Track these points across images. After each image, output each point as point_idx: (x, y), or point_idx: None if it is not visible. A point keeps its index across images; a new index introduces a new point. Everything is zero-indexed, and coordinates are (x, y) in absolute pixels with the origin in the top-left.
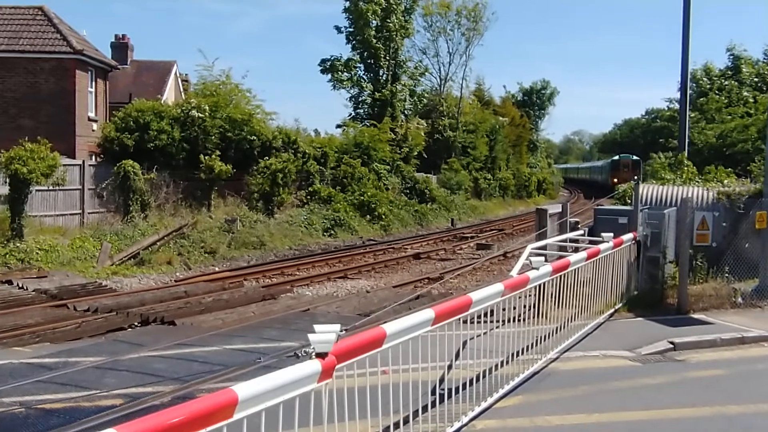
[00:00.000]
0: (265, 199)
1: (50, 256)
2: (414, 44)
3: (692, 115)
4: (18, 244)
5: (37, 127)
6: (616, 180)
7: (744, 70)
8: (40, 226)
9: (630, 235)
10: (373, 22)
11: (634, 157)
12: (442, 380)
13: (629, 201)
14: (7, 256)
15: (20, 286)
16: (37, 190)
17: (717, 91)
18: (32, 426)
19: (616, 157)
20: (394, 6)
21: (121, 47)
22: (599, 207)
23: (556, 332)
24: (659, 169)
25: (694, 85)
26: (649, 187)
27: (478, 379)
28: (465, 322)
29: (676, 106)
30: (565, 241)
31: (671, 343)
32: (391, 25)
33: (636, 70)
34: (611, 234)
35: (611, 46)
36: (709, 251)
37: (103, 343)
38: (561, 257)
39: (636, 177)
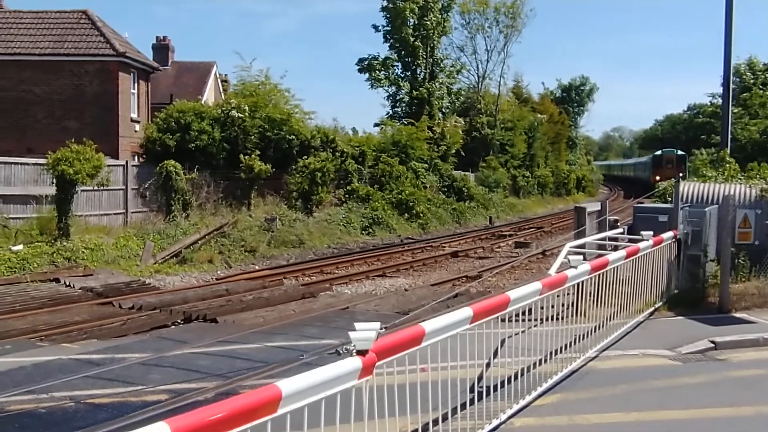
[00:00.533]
0: (304, 198)
1: (95, 255)
2: (452, 42)
3: (735, 110)
4: (65, 243)
5: (82, 128)
6: (658, 177)
7: None
8: (85, 226)
9: (670, 234)
10: (411, 20)
11: (679, 152)
12: (480, 378)
13: (670, 199)
14: (55, 254)
15: (67, 284)
16: (82, 191)
17: (761, 86)
18: (82, 420)
19: (659, 153)
20: (431, 4)
21: (161, 49)
22: (639, 205)
23: (595, 331)
24: (701, 166)
25: (738, 79)
26: (690, 185)
27: (516, 377)
28: (503, 320)
29: (719, 101)
30: (603, 239)
31: (712, 342)
32: (428, 23)
33: (677, 65)
34: (651, 232)
35: (651, 42)
36: (751, 249)
37: (148, 340)
38: (600, 256)
39: (681, 173)
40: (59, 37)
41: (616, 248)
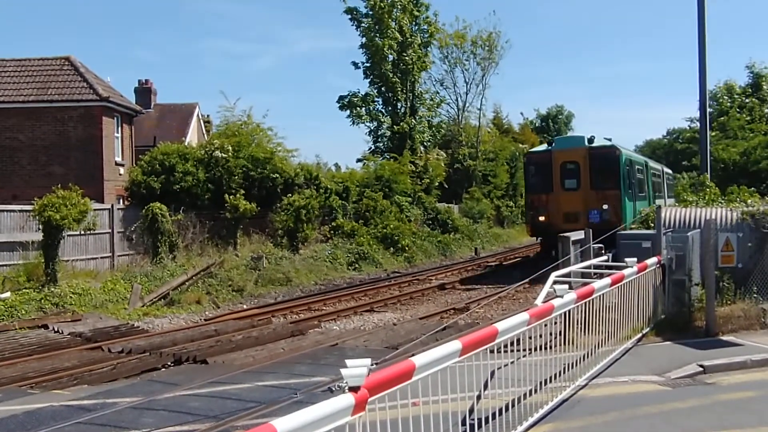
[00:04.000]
0: (290, 235)
1: (83, 300)
2: (431, 76)
3: (713, 134)
4: (52, 289)
5: (67, 173)
6: None
7: (765, 87)
8: (72, 270)
9: (654, 259)
10: (390, 56)
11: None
12: (471, 410)
13: (652, 225)
14: (43, 300)
15: (56, 330)
16: (68, 235)
17: (738, 109)
18: None
19: None
20: (410, 40)
21: (144, 92)
22: (622, 232)
23: (584, 359)
24: (681, 191)
25: (714, 103)
26: (672, 210)
27: (507, 409)
28: (492, 351)
29: (697, 125)
30: (589, 267)
31: (701, 366)
32: (407, 58)
33: (655, 91)
34: (635, 259)
35: (629, 68)
36: (735, 272)
37: (139, 384)
38: (585, 284)
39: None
40: (42, 83)
41: (601, 276)
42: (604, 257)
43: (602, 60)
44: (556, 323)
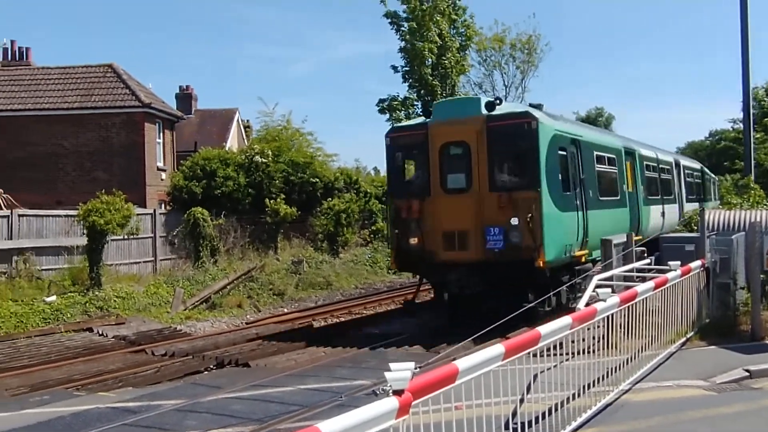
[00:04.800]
0: (330, 239)
1: (127, 303)
2: (469, 79)
3: (758, 135)
4: (97, 293)
5: (110, 179)
6: None
7: None
8: (116, 275)
9: (698, 263)
10: (429, 60)
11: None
12: (514, 414)
13: (695, 228)
14: (87, 304)
15: (100, 333)
16: (112, 240)
17: None
18: None
19: None
20: (449, 43)
21: (185, 98)
22: (664, 235)
23: (627, 363)
24: (725, 194)
25: (756, 104)
26: (716, 213)
27: (550, 413)
28: (535, 355)
29: (740, 126)
30: (631, 270)
31: (746, 370)
32: (446, 62)
33: (698, 92)
34: (678, 262)
35: (670, 69)
36: None
37: (182, 386)
38: (628, 287)
39: None
40: (86, 90)
41: (643, 279)
42: (647, 260)
43: (642, 60)
44: (598, 327)
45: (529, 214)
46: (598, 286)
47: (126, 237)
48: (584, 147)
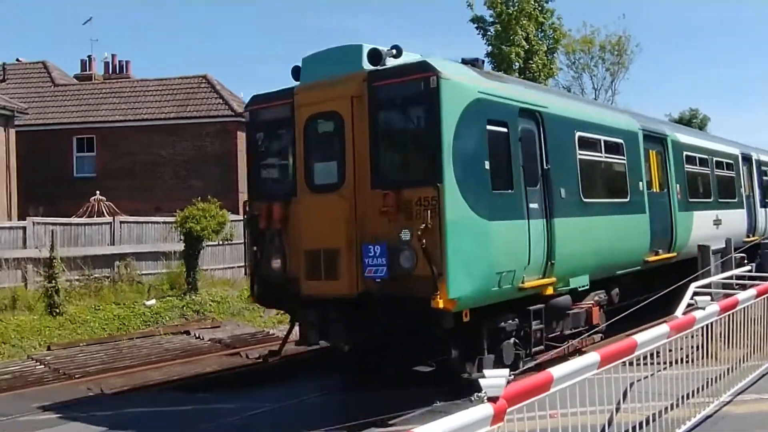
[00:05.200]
0: None
1: (222, 307)
2: (558, 83)
3: None
4: (193, 297)
5: (205, 186)
6: None
7: None
8: (211, 279)
9: None
10: (516, 64)
11: None
12: (610, 423)
13: None
14: (184, 308)
15: (197, 336)
16: (207, 245)
17: None
18: None
19: None
20: (536, 47)
21: None
22: (765, 241)
23: (728, 373)
24: None
25: None
26: None
27: (647, 423)
28: (630, 364)
29: None
30: (730, 278)
31: None
32: (534, 65)
33: None
34: None
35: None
36: None
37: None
38: (728, 295)
39: None
40: (182, 101)
41: (743, 287)
42: (747, 267)
43: (735, 63)
44: (696, 336)
45: (422, 224)
46: (696, 294)
47: (221, 243)
48: (553, 124)
